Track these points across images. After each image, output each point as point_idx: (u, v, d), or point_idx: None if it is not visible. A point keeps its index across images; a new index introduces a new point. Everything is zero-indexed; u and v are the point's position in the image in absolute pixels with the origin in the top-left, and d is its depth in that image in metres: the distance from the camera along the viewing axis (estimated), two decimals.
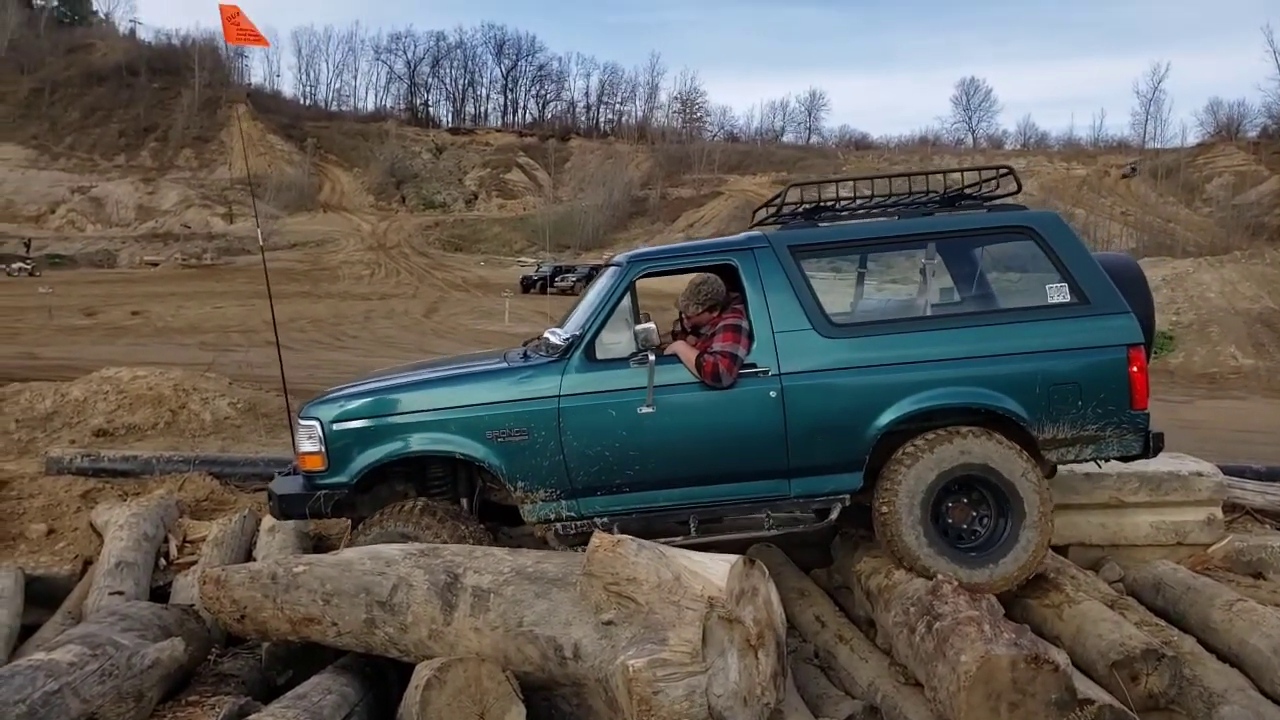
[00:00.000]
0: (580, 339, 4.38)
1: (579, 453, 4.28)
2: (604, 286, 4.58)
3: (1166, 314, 19.91)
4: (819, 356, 4.30)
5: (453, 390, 4.43)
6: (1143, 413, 4.31)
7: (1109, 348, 4.29)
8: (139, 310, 26.06)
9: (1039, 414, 4.27)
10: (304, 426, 4.43)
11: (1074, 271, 4.37)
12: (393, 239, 53.08)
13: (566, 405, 4.29)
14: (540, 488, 4.32)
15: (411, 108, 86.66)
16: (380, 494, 4.69)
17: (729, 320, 4.42)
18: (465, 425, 4.31)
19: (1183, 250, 40.62)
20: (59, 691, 2.83)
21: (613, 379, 4.32)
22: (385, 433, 4.35)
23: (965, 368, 4.27)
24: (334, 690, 3.23)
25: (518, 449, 4.29)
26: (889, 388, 4.27)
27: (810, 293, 4.39)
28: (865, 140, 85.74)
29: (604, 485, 4.32)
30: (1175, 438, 10.08)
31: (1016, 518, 4.20)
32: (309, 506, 4.37)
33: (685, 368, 4.31)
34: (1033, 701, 2.91)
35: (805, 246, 4.52)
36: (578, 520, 4.36)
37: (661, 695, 2.89)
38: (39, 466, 6.45)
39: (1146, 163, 66.01)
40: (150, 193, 60.77)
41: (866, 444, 4.28)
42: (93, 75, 69.64)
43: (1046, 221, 4.54)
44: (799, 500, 4.38)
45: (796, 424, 4.27)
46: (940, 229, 4.66)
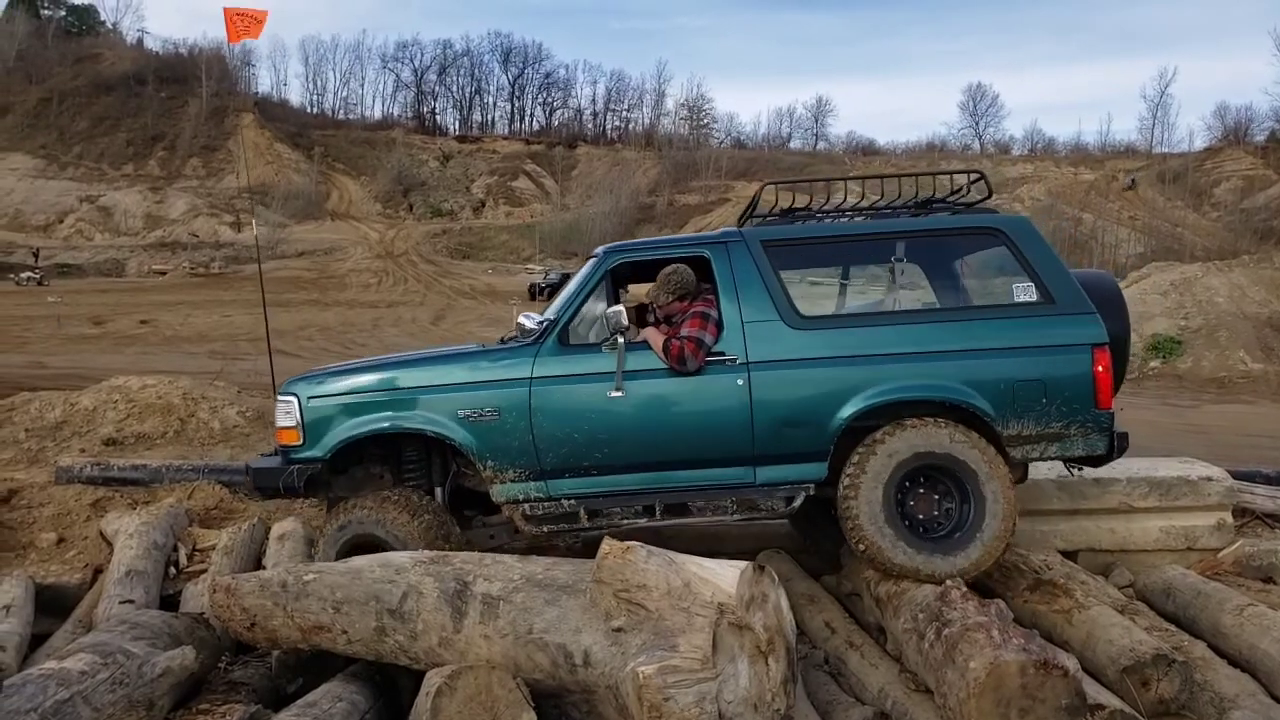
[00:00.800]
0: (554, 324, 4.53)
1: (548, 434, 4.38)
2: (581, 275, 4.71)
3: (1174, 319, 19.83)
4: (786, 347, 4.40)
5: (428, 370, 4.57)
6: (1107, 412, 4.36)
7: (1074, 347, 4.35)
8: (147, 319, 26.15)
9: (1004, 410, 4.33)
10: (281, 402, 4.58)
11: (1041, 273, 4.46)
12: (400, 247, 53.20)
13: (538, 387, 4.41)
14: (509, 468, 4.43)
15: (419, 116, 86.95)
16: (356, 475, 4.82)
17: (698, 308, 4.53)
18: (438, 404, 4.44)
19: (1190, 255, 40.50)
20: (70, 700, 2.84)
21: (584, 363, 4.45)
22: (359, 409, 4.48)
23: (930, 362, 4.36)
24: (344, 698, 3.24)
25: (489, 429, 4.40)
26: (853, 380, 4.35)
27: (780, 286, 4.50)
28: (872, 146, 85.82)
29: (572, 467, 4.43)
30: (1183, 442, 10.15)
31: (978, 507, 4.23)
32: (282, 481, 4.46)
33: (655, 354, 4.42)
34: (1043, 707, 2.90)
35: (777, 242, 4.63)
36: (545, 501, 4.47)
37: (672, 702, 2.88)
38: (49, 475, 6.48)
39: (1152, 169, 65.88)
40: (158, 202, 61.06)
41: (831, 435, 4.36)
42: (100, 85, 70.06)
43: (1015, 225, 4.64)
44: (763, 488, 4.46)
45: (762, 412, 4.36)
46: (910, 229, 4.78)
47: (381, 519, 4.35)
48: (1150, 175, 65.00)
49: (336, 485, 4.78)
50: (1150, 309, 20.29)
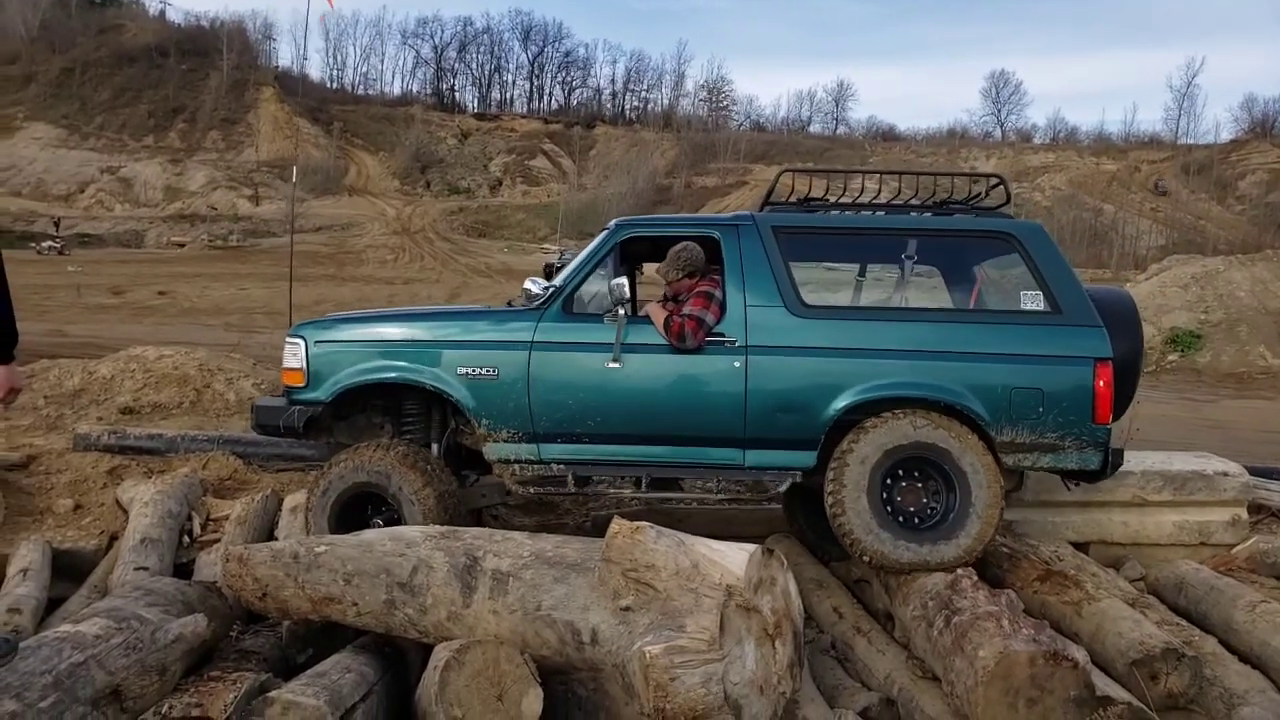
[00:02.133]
0: (560, 290, 4.59)
1: (544, 398, 4.46)
2: (592, 246, 4.78)
3: (1195, 312, 19.65)
4: (787, 334, 4.42)
5: (432, 324, 4.70)
6: (1104, 427, 4.33)
7: (1076, 359, 4.33)
8: (165, 290, 26.30)
9: (999, 416, 4.31)
10: (290, 344, 4.71)
11: (1051, 282, 4.44)
12: (417, 224, 53.25)
13: (538, 352, 4.49)
14: (503, 428, 4.51)
15: (438, 93, 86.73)
16: (357, 423, 4.94)
17: (703, 287, 4.57)
18: (439, 358, 4.54)
19: (1213, 248, 40.05)
20: (84, 663, 2.87)
21: (585, 332, 4.51)
22: (362, 356, 4.60)
23: (928, 362, 4.35)
24: (353, 669, 3.26)
25: (486, 387, 4.49)
26: (850, 372, 4.36)
27: (787, 273, 4.51)
28: (893, 131, 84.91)
29: (565, 433, 4.50)
30: (1200, 437, 10.07)
31: (964, 498, 4.23)
32: (283, 420, 4.61)
33: (656, 329, 4.46)
34: (1051, 698, 2.90)
35: (788, 229, 4.64)
36: (536, 464, 4.56)
37: (678, 682, 2.90)
38: (67, 442, 6.54)
39: (1176, 160, 65.08)
40: (178, 174, 61.26)
41: (822, 425, 4.37)
42: (123, 56, 70.15)
43: (1028, 231, 4.61)
44: (751, 471, 4.50)
45: (756, 396, 4.39)
46: (923, 227, 4.79)
47: (386, 469, 4.42)
48: (1175, 167, 64.23)
49: (337, 431, 4.92)
50: (1170, 302, 20.10)
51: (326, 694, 2.93)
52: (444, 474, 4.61)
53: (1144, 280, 22.63)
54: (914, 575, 4.11)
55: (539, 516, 6.16)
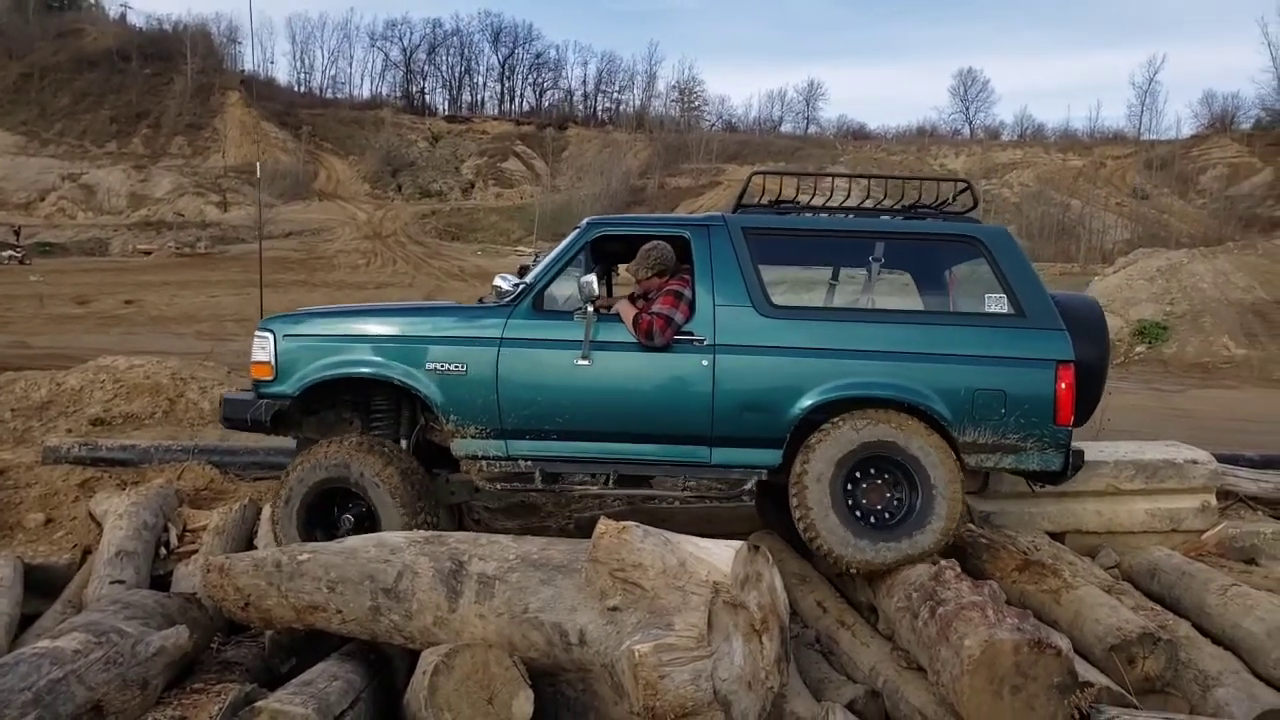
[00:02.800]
0: (530, 288, 4.62)
1: (512, 395, 4.49)
2: (563, 244, 4.79)
3: (1161, 304, 19.97)
4: (754, 333, 4.47)
5: (402, 320, 4.70)
6: (1065, 429, 4.39)
7: (1038, 361, 4.38)
8: (132, 299, 25.89)
9: (962, 416, 4.38)
10: (258, 337, 4.72)
11: (1015, 285, 4.50)
12: (389, 228, 52.80)
13: (507, 348, 4.52)
14: (471, 424, 4.53)
15: (407, 95, 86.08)
16: (326, 419, 4.95)
17: (673, 286, 4.61)
18: (408, 354, 4.56)
19: (1176, 241, 40.70)
20: (64, 679, 2.84)
21: (554, 329, 4.54)
22: (331, 350, 4.62)
23: (892, 362, 4.40)
24: (340, 677, 3.25)
25: (454, 383, 4.52)
26: (815, 372, 4.42)
27: (755, 273, 4.57)
28: (863, 130, 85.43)
29: (533, 430, 4.53)
30: (1168, 426, 10.23)
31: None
32: (250, 413, 4.61)
33: (625, 327, 4.50)
34: (1035, 685, 2.94)
35: (758, 231, 4.69)
36: (503, 460, 4.59)
37: (668, 679, 2.91)
38: (36, 455, 6.43)
39: (1139, 156, 66.01)
40: (142, 180, 60.31)
41: (788, 423, 4.43)
42: (83, 61, 68.94)
43: (993, 235, 4.68)
44: (717, 469, 4.55)
45: (723, 395, 4.44)
46: (890, 230, 4.86)
47: (343, 460, 4.45)
48: (1138, 162, 65.17)
49: (306, 427, 4.93)
50: (1137, 295, 20.42)
51: (314, 702, 2.91)
52: (405, 455, 4.63)
53: (1111, 274, 22.96)
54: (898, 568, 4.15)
55: (521, 519, 6.15)
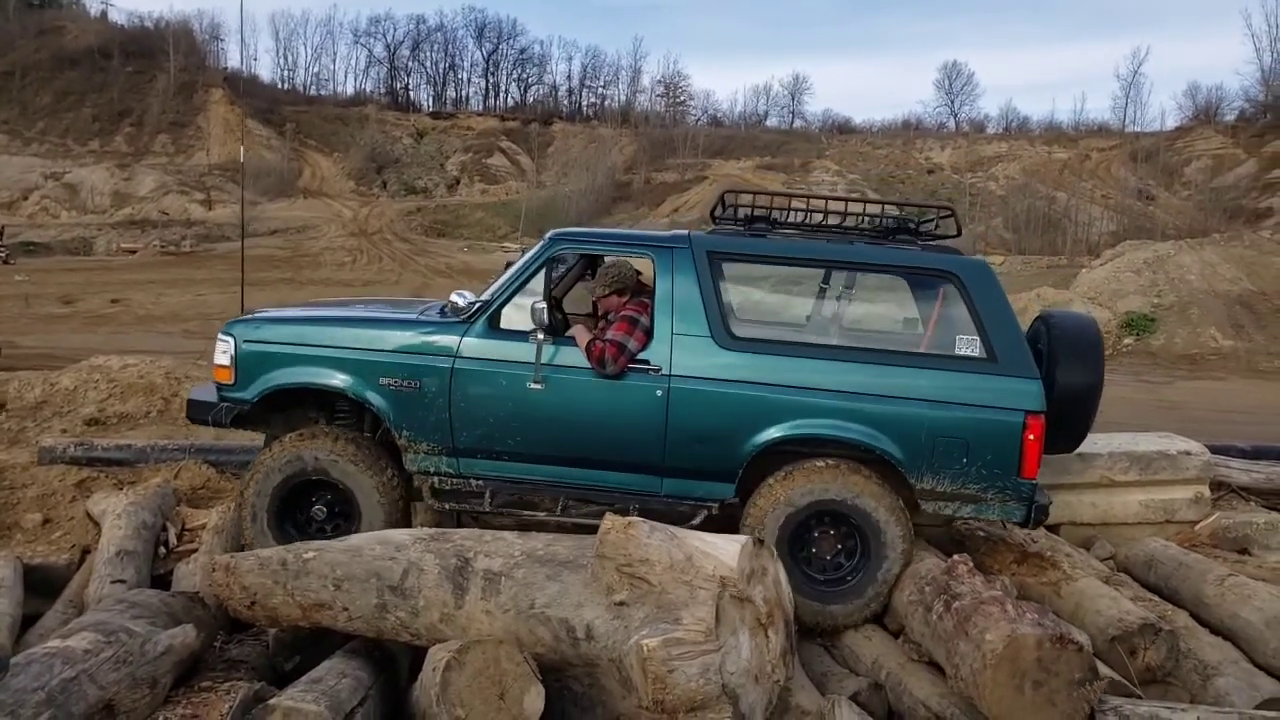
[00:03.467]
0: (487, 305, 4.55)
1: (465, 414, 4.46)
2: (525, 259, 4.71)
3: (1148, 296, 20.12)
4: (711, 365, 4.37)
5: (357, 333, 4.64)
6: (1029, 482, 4.25)
7: (1006, 410, 4.22)
8: (118, 298, 25.71)
9: (919, 463, 4.26)
10: (220, 341, 4.73)
11: (989, 326, 4.31)
12: (374, 225, 52.57)
13: (461, 366, 4.47)
14: (424, 440, 4.52)
15: (392, 92, 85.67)
16: (293, 416, 4.96)
17: (629, 311, 4.51)
18: (362, 368, 4.55)
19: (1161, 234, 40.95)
20: (76, 678, 2.84)
21: (509, 350, 4.47)
22: (288, 361, 4.62)
23: (850, 401, 4.28)
24: (348, 674, 3.25)
25: (407, 399, 4.50)
26: (772, 408, 4.32)
27: (717, 301, 4.43)
28: (848, 124, 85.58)
29: (484, 450, 4.51)
30: (1157, 418, 10.33)
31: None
32: (211, 415, 4.70)
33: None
34: (1056, 680, 2.96)
35: (725, 254, 4.55)
36: (455, 478, 4.58)
37: (677, 673, 2.93)
38: (31, 456, 6.40)
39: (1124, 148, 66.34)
40: (126, 179, 59.81)
41: (741, 458, 4.36)
42: (64, 59, 68.30)
43: (972, 270, 4.46)
44: (668, 499, 4.49)
45: (677, 426, 4.36)
46: (864, 259, 4.64)
47: (291, 454, 4.53)
48: (1123, 154, 65.50)
49: (273, 424, 4.95)
50: (1124, 287, 20.57)
51: (326, 699, 2.92)
52: (352, 431, 4.69)
53: (1099, 266, 23.12)
54: None
55: (518, 516, 6.13)
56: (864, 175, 65.48)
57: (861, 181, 63.29)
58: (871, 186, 61.20)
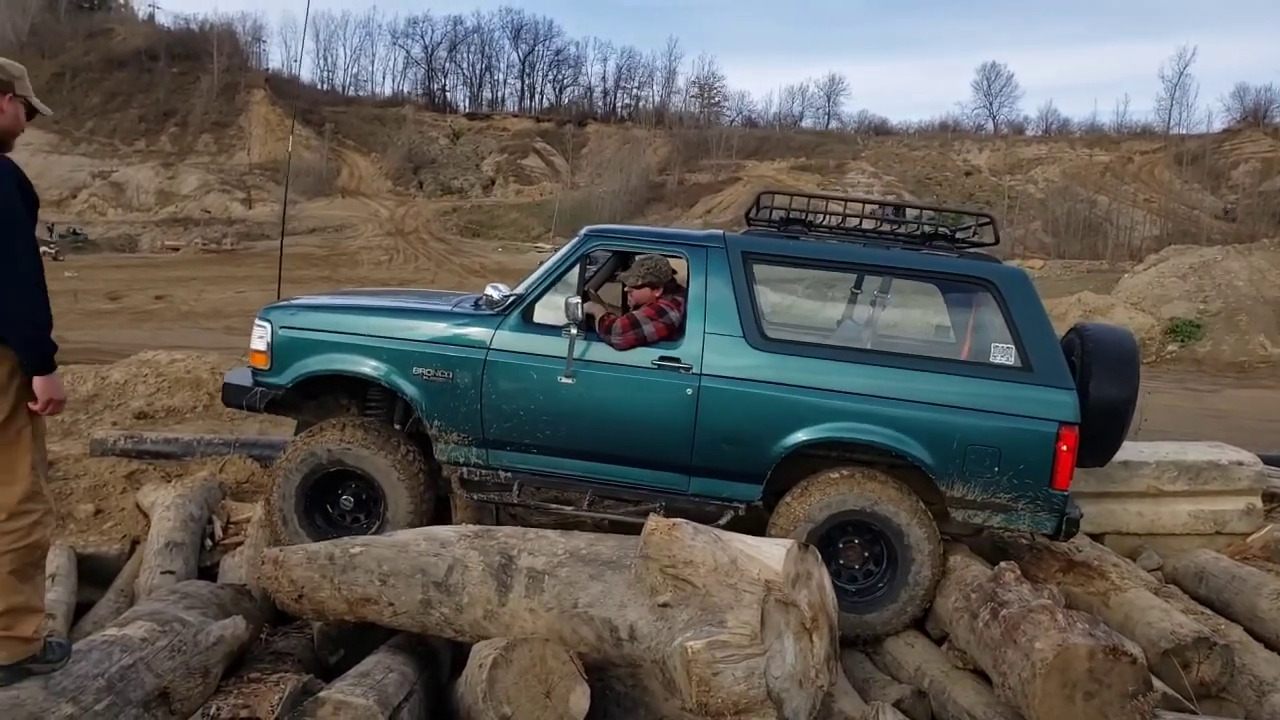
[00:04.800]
0: (521, 299, 4.57)
1: (496, 406, 4.47)
2: (559, 255, 4.72)
3: (1193, 302, 19.74)
4: (742, 365, 4.35)
5: (393, 322, 4.67)
6: (1061, 493, 4.20)
7: (1040, 420, 4.17)
8: (162, 295, 26.18)
9: (950, 470, 4.21)
10: (258, 325, 4.78)
11: (1025, 336, 4.26)
12: (410, 224, 53.08)
13: (493, 359, 4.49)
14: (454, 431, 4.54)
15: (429, 93, 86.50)
16: (326, 403, 5.01)
17: (661, 302, 4.54)
18: (396, 357, 4.57)
19: (1207, 238, 40.18)
20: (133, 666, 2.89)
21: (542, 344, 4.48)
22: (324, 348, 4.65)
23: (883, 407, 4.24)
24: (394, 669, 3.28)
25: (439, 389, 4.52)
26: (802, 410, 4.29)
27: (750, 301, 4.42)
28: (884, 125, 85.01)
29: (514, 442, 4.52)
30: (1203, 427, 10.13)
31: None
32: (245, 399, 4.75)
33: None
34: (1109, 692, 2.91)
35: (758, 255, 4.54)
36: (484, 469, 4.59)
37: (721, 676, 2.92)
38: (83, 448, 6.54)
39: (1169, 151, 65.22)
40: (170, 178, 60.96)
41: (770, 460, 4.33)
42: (113, 60, 69.83)
43: (1009, 278, 4.41)
44: (695, 498, 4.47)
45: (706, 425, 4.34)
46: (900, 264, 4.60)
47: (355, 448, 4.55)
48: (1167, 157, 64.39)
49: (305, 409, 5.01)
50: (1169, 292, 20.20)
51: (375, 694, 2.95)
52: (403, 437, 4.71)
53: (1142, 271, 22.73)
54: (951, 566, 4.14)
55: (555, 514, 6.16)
56: (900, 177, 64.97)
57: (897, 183, 62.81)
58: (908, 188, 60.73)
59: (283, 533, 4.68)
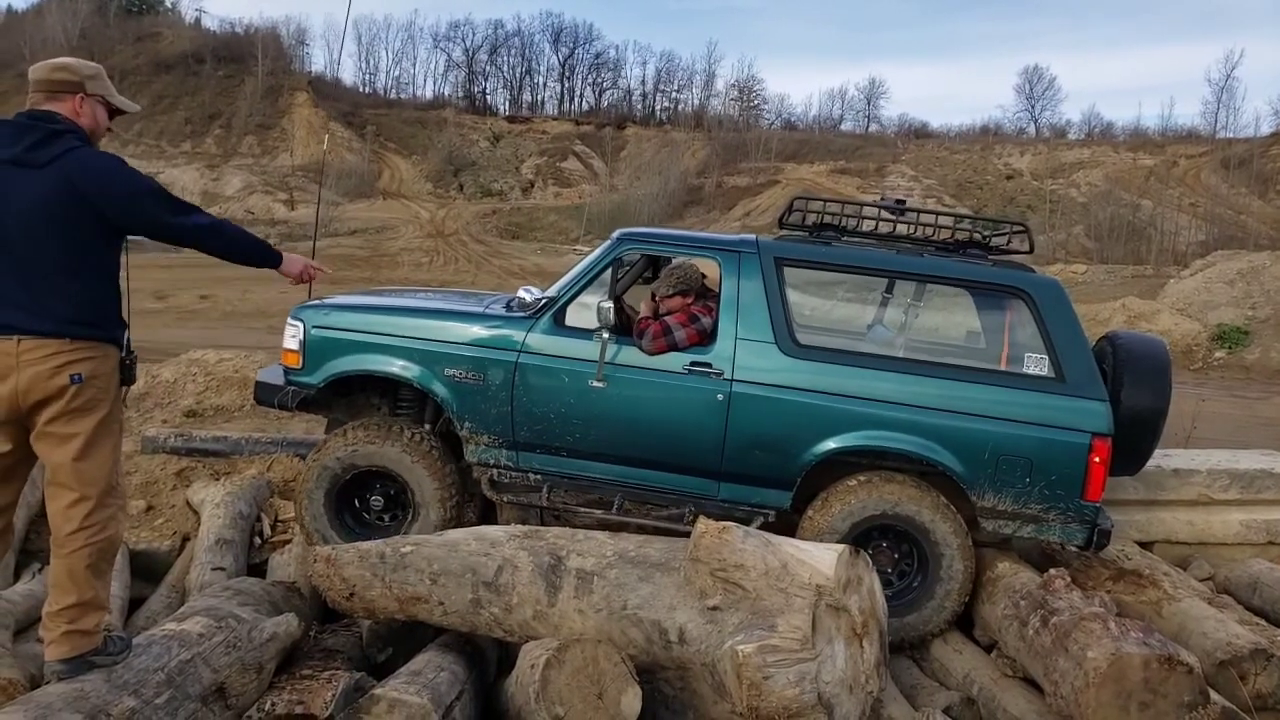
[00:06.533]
0: (554, 302, 4.58)
1: (527, 409, 4.49)
2: (592, 258, 4.74)
3: (1241, 308, 19.30)
4: (774, 371, 4.34)
5: (425, 323, 4.69)
6: (1093, 505, 4.17)
7: (1072, 431, 4.15)
8: (207, 294, 26.56)
9: (981, 480, 4.19)
10: (290, 325, 4.84)
11: (1059, 345, 4.24)
12: (451, 226, 53.44)
13: (525, 361, 4.51)
14: (485, 433, 4.57)
15: (469, 96, 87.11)
16: (357, 402, 5.06)
17: (694, 309, 4.55)
18: (427, 358, 4.60)
19: (1255, 243, 39.30)
20: (192, 661, 2.95)
21: (573, 347, 4.49)
22: (356, 348, 4.69)
23: (914, 415, 4.23)
24: (445, 668, 3.32)
25: (471, 391, 4.55)
26: (834, 417, 4.28)
27: (783, 307, 4.40)
28: (925, 129, 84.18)
29: (544, 445, 4.54)
30: (1254, 434, 9.92)
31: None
32: (278, 398, 4.81)
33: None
34: (1164, 702, 2.88)
35: (791, 260, 4.53)
36: (513, 471, 4.62)
37: (772, 680, 2.92)
38: (134, 445, 6.66)
39: (1215, 154, 63.89)
40: (214, 179, 61.99)
41: (800, 467, 4.32)
42: (160, 64, 71.25)
43: (1043, 288, 4.39)
44: (724, 504, 4.46)
45: (736, 431, 4.34)
46: (932, 271, 4.58)
47: (361, 447, 4.61)
48: (1214, 161, 63.07)
49: (336, 407, 5.06)
50: (1215, 298, 19.79)
51: (428, 692, 2.98)
52: (433, 438, 4.73)
53: (1188, 276, 22.28)
54: (1000, 573, 4.10)
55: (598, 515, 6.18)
56: (940, 180, 64.26)
57: (938, 187, 62.14)
58: (948, 192, 60.07)
59: (307, 522, 4.75)
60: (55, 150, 2.82)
